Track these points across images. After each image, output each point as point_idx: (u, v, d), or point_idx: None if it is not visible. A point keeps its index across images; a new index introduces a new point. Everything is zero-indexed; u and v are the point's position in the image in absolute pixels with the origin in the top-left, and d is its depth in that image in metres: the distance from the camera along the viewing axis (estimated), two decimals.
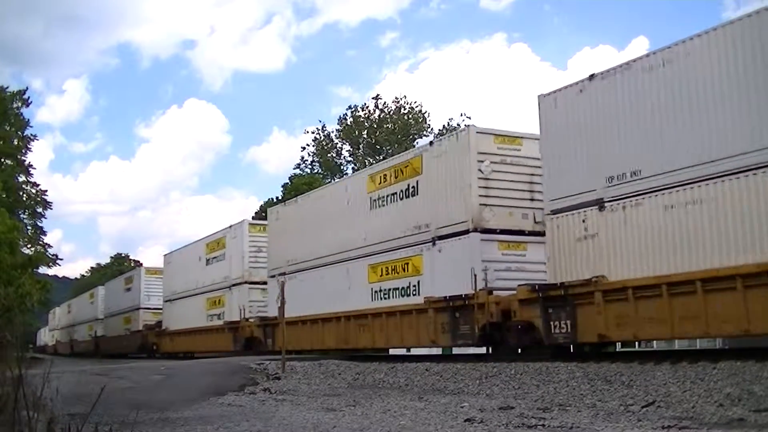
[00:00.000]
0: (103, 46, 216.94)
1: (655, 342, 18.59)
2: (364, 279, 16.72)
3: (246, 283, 23.21)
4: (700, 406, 7.54)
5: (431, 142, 16.19)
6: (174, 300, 29.93)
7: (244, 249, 23.44)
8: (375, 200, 16.77)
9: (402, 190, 15.85)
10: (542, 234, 12.86)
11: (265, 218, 25.66)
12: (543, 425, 6.91)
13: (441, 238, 14.50)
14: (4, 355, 4.53)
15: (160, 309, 32.79)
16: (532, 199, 14.08)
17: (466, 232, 13.85)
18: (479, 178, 13.89)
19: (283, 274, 19.36)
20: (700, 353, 11.76)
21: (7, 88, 36.28)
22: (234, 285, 23.82)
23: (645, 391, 8.58)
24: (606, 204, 11.20)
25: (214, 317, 25.27)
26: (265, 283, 21.91)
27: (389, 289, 15.98)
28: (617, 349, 13.36)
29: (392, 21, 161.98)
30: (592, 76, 11.60)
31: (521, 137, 14.40)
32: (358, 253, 17.11)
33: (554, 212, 12.14)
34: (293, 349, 17.77)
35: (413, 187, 15.51)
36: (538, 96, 12.49)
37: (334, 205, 18.51)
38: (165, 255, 32.55)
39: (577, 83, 12.01)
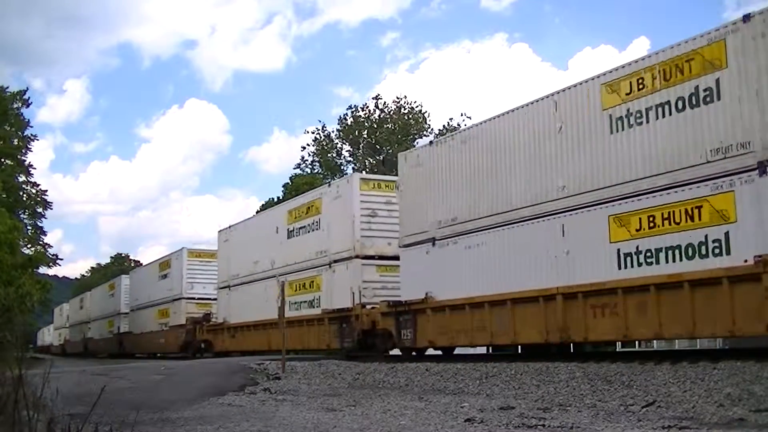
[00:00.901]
0: (103, 46, 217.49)
1: (655, 342, 18.64)
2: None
3: (358, 257, 17.70)
4: (700, 406, 7.54)
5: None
6: (236, 286, 24.18)
7: (354, 212, 17.98)
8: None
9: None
10: None
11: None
12: (543, 425, 6.91)
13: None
14: (4, 355, 4.54)
15: (208, 299, 28.24)
16: None
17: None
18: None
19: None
20: (700, 353, 11.76)
21: (8, 88, 36.33)
22: (338, 261, 18.41)
23: (645, 391, 8.58)
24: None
25: (302, 305, 19.89)
26: (382, 257, 17.74)
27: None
28: (617, 349, 13.40)
29: (393, 21, 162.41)
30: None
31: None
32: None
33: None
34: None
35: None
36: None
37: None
38: (220, 231, 26.31)
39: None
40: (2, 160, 35.79)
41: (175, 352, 29.08)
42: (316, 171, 47.46)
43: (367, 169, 41.61)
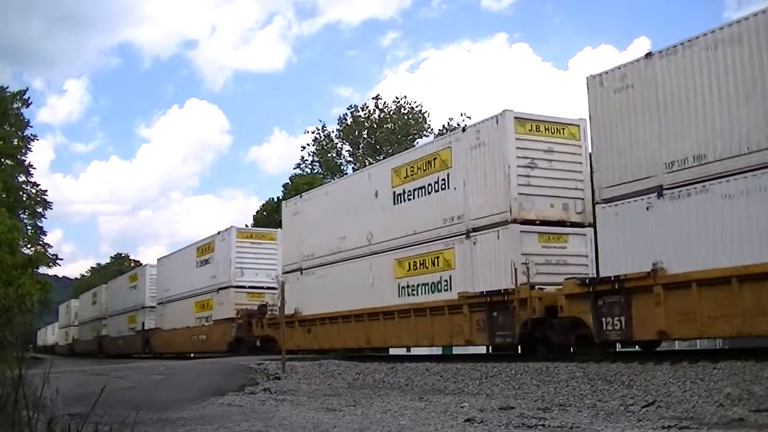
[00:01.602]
0: (103, 46, 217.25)
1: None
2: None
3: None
4: (700, 406, 7.54)
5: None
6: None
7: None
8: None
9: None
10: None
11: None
12: (543, 425, 6.91)
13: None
14: (4, 355, 4.53)
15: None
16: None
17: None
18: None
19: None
20: (700, 353, 11.76)
21: (7, 88, 36.34)
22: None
23: (645, 391, 8.58)
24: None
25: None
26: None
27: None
28: (617, 349, 13.29)
29: (393, 21, 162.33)
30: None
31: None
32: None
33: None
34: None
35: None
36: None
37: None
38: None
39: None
40: (2, 160, 35.80)
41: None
42: (316, 171, 47.49)
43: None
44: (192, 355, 28.42)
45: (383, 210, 16.81)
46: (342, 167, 47.29)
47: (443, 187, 15.00)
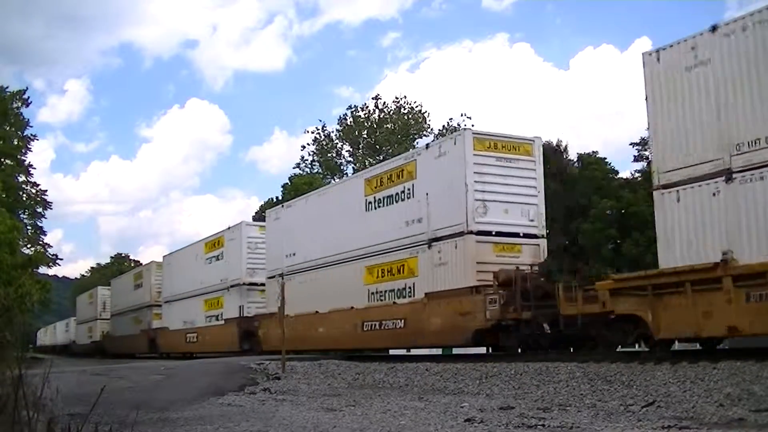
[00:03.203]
0: (104, 46, 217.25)
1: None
2: None
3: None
4: (700, 406, 7.54)
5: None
6: (291, 274, 19.88)
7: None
8: None
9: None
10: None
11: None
12: (543, 425, 6.91)
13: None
14: (4, 355, 4.53)
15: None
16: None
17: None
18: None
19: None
20: (700, 353, 11.74)
21: (7, 88, 36.29)
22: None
23: (645, 391, 8.58)
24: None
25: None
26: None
27: None
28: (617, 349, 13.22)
29: (394, 21, 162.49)
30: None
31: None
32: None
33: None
34: None
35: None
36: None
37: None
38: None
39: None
40: (2, 160, 35.79)
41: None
42: (315, 171, 47.47)
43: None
44: (193, 354, 27.69)
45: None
46: (342, 167, 47.30)
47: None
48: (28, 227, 36.26)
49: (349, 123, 47.26)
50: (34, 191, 37.34)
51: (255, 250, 24.23)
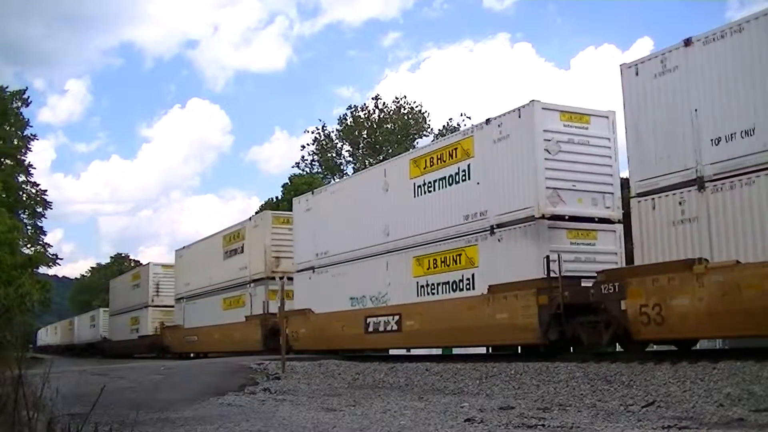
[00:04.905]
0: (105, 46, 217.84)
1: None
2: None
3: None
4: (700, 406, 7.54)
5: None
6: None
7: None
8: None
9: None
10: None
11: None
12: (543, 425, 6.91)
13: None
14: (4, 355, 4.54)
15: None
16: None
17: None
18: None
19: None
20: (700, 353, 11.75)
21: (7, 87, 36.34)
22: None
23: (645, 391, 8.58)
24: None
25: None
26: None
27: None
28: (617, 349, 13.22)
29: (395, 21, 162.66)
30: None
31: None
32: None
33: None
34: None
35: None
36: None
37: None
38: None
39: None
40: (2, 160, 35.82)
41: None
42: (315, 171, 47.50)
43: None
44: (191, 354, 27.20)
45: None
46: (342, 167, 47.33)
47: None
48: (28, 227, 36.32)
49: (349, 123, 47.30)
50: (34, 191, 37.42)
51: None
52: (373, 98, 49.04)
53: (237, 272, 24.06)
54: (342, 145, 47.92)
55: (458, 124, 42.84)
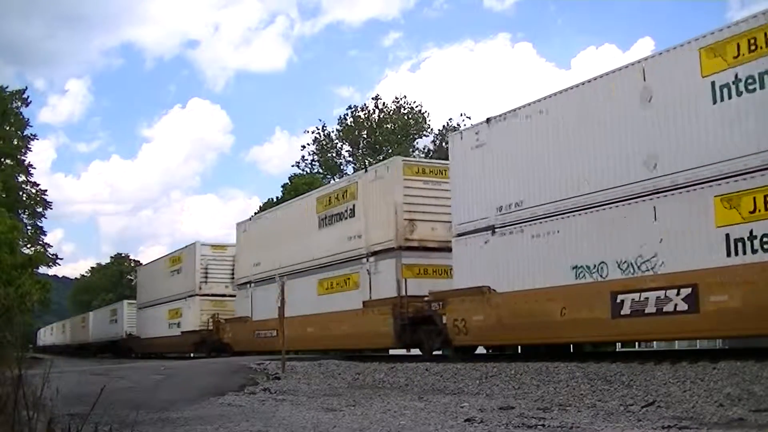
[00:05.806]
0: (105, 46, 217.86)
1: (655, 342, 18.63)
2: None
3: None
4: (700, 406, 7.54)
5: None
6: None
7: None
8: None
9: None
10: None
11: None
12: (543, 425, 6.91)
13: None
14: (4, 355, 4.54)
15: None
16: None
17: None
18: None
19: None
20: (700, 353, 11.74)
21: (7, 87, 36.36)
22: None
23: (645, 391, 8.58)
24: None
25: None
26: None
27: None
28: (617, 349, 13.31)
29: (396, 21, 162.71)
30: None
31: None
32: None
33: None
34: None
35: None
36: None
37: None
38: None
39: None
40: (2, 160, 35.82)
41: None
42: (315, 171, 47.52)
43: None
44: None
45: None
46: (342, 167, 47.35)
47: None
48: (28, 227, 36.33)
49: (349, 123, 47.32)
50: (34, 191, 37.45)
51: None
52: (373, 98, 49.13)
53: (343, 243, 18.39)
54: (342, 145, 47.96)
55: (458, 124, 42.87)
